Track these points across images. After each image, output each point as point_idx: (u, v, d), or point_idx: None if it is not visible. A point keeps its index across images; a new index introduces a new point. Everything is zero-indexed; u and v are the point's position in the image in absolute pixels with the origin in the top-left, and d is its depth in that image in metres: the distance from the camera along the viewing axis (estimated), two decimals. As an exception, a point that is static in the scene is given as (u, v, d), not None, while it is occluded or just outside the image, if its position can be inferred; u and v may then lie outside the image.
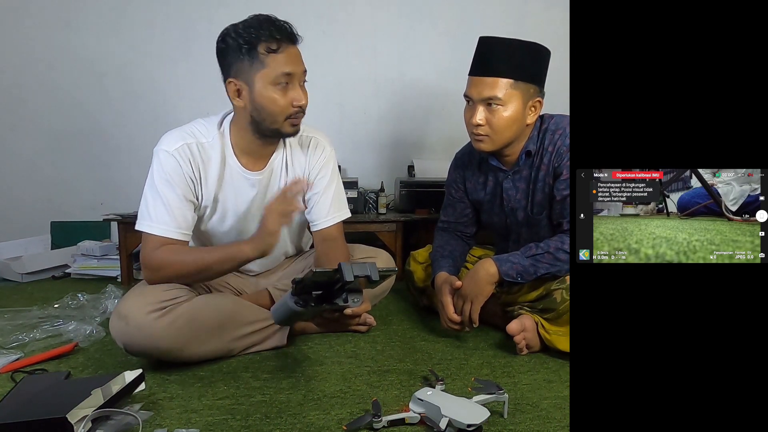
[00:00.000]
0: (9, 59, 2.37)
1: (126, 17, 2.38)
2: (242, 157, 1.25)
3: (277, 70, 1.12)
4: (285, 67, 1.12)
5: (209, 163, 1.22)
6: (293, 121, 1.18)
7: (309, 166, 1.33)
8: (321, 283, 0.94)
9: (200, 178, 1.21)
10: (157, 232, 1.15)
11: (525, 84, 1.28)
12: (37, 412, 0.84)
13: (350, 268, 0.89)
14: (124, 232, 2.08)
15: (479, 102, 1.29)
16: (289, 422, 0.92)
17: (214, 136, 1.23)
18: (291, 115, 1.16)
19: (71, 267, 2.20)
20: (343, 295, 0.97)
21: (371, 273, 0.91)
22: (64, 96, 2.41)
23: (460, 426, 0.85)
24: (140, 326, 1.06)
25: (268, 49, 1.11)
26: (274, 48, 1.11)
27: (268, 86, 1.13)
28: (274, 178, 1.30)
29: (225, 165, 1.24)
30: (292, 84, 1.15)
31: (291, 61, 1.13)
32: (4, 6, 2.34)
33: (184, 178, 1.18)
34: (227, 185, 1.25)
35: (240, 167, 1.25)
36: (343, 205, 1.38)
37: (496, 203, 1.47)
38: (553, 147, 1.33)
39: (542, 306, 1.27)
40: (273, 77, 1.12)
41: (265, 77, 1.13)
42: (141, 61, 2.41)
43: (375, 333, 1.44)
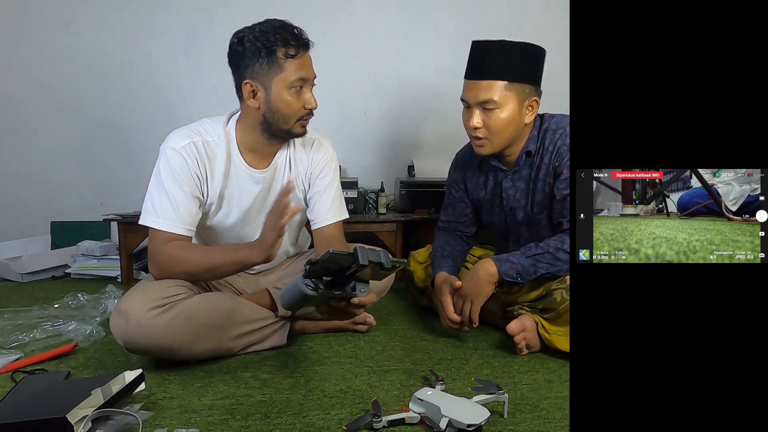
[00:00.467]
0: (9, 59, 2.37)
1: (126, 17, 2.38)
2: (247, 155, 1.28)
3: (294, 75, 1.17)
4: (301, 72, 1.18)
5: (215, 161, 1.25)
6: (303, 122, 1.24)
7: (311, 165, 1.36)
8: (332, 268, 0.96)
9: (206, 175, 1.23)
10: (162, 227, 1.17)
11: (520, 84, 1.29)
12: (37, 412, 0.84)
13: (365, 253, 0.91)
14: (124, 232, 2.08)
15: (475, 105, 1.30)
16: (289, 422, 0.92)
17: (220, 135, 1.25)
18: (302, 117, 1.22)
19: (71, 267, 2.21)
20: (352, 283, 0.99)
21: (384, 260, 0.94)
22: (64, 96, 2.41)
23: (460, 426, 0.85)
24: (140, 323, 1.07)
25: (287, 54, 1.16)
26: (293, 54, 1.16)
27: (284, 89, 1.18)
28: (278, 176, 1.33)
29: (230, 163, 1.26)
30: (305, 88, 1.20)
31: (306, 66, 1.19)
32: (4, 6, 2.34)
33: (191, 174, 1.20)
34: (232, 182, 1.27)
35: (245, 165, 1.27)
36: (342, 206, 1.41)
37: (496, 203, 1.47)
38: (554, 146, 1.33)
39: (542, 306, 1.27)
40: (290, 81, 1.17)
41: (283, 81, 1.17)
42: (141, 61, 2.41)
43: (375, 333, 1.44)
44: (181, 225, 1.18)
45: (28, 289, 2.00)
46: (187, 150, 1.20)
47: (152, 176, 1.22)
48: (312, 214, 1.37)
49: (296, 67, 1.17)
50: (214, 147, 1.24)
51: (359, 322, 1.43)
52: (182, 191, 1.19)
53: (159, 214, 1.17)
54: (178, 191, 1.18)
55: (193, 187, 1.21)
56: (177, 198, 1.18)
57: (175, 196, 1.18)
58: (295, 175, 1.34)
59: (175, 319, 1.09)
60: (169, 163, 1.19)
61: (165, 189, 1.18)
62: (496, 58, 1.28)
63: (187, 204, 1.19)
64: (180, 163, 1.19)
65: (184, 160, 1.19)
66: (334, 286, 0.98)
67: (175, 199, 1.18)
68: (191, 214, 1.20)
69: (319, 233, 1.36)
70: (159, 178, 1.19)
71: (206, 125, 1.26)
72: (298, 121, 1.22)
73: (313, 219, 1.37)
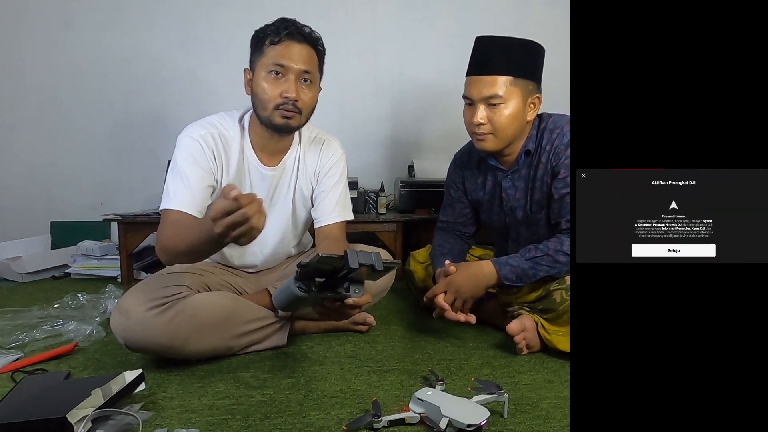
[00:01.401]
0: (9, 59, 2.38)
1: (126, 17, 2.38)
2: (258, 151, 1.30)
3: (272, 59, 1.17)
4: (279, 57, 1.17)
5: (230, 153, 1.26)
6: (283, 113, 1.19)
7: (320, 164, 1.38)
8: (325, 270, 0.95)
9: (222, 164, 1.25)
10: (171, 206, 1.15)
11: (524, 81, 1.29)
12: (37, 412, 0.84)
13: (356, 256, 0.90)
14: (124, 232, 2.08)
15: (480, 101, 1.29)
16: (289, 422, 0.92)
17: (235, 129, 1.27)
18: (280, 105, 1.19)
19: (71, 267, 2.21)
20: (345, 284, 0.98)
21: (375, 263, 0.92)
22: (63, 96, 2.42)
23: (460, 426, 0.85)
24: (140, 321, 1.07)
25: (271, 41, 1.18)
26: (276, 41, 1.17)
27: (262, 73, 1.19)
28: (286, 175, 1.34)
29: (243, 157, 1.28)
30: (286, 77, 1.18)
31: (288, 55, 1.17)
32: (4, 6, 2.34)
33: (207, 161, 1.21)
34: (245, 177, 1.29)
35: (257, 160, 1.29)
36: (347, 207, 1.41)
37: (495, 203, 1.47)
38: (551, 146, 1.33)
39: (542, 306, 1.27)
40: (267, 65, 1.18)
41: (262, 66, 1.19)
42: (141, 61, 2.41)
43: (375, 333, 1.44)
44: (191, 204, 1.16)
45: (28, 289, 2.00)
46: (205, 139, 1.22)
47: (169, 167, 1.22)
48: (315, 213, 1.38)
49: (276, 52, 1.17)
50: (230, 140, 1.26)
51: (359, 322, 1.43)
52: (197, 175, 1.19)
53: (172, 197, 1.17)
54: (194, 174, 1.18)
55: (209, 172, 1.21)
56: (192, 181, 1.18)
57: (191, 178, 1.18)
58: (303, 174, 1.36)
59: (175, 318, 1.10)
60: (186, 149, 1.20)
61: (180, 173, 1.18)
62: (501, 54, 1.28)
63: (202, 187, 1.19)
64: (197, 149, 1.20)
65: (201, 146, 1.21)
66: (327, 287, 0.97)
67: (189, 181, 1.18)
68: (204, 197, 1.20)
69: (321, 232, 1.37)
70: (176, 164, 1.20)
71: (221, 119, 1.28)
72: (276, 110, 1.19)
73: (316, 217, 1.38)
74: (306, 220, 1.44)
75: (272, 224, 1.35)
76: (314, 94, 1.24)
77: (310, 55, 1.21)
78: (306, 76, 1.20)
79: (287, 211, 1.37)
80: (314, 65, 1.22)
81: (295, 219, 1.40)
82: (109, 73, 2.41)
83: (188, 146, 1.20)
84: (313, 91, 1.24)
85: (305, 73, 1.20)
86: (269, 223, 1.33)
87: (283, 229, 1.38)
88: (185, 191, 1.17)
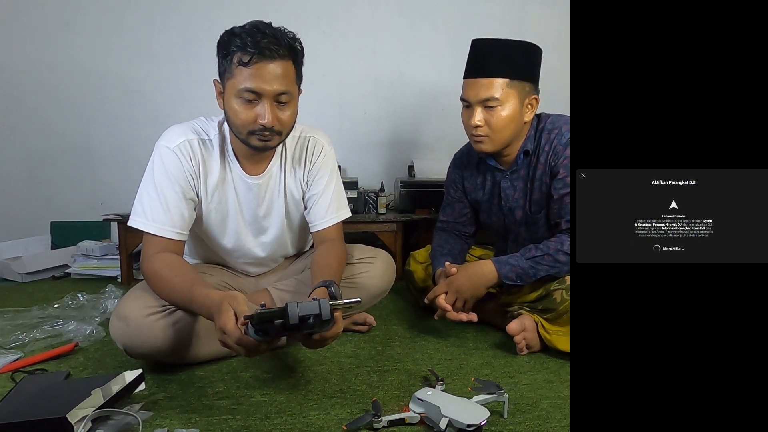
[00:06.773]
0: (8, 59, 2.37)
1: (126, 17, 2.38)
2: (242, 159, 1.24)
3: (242, 84, 1.07)
4: (251, 83, 1.06)
5: (210, 161, 1.21)
6: (260, 137, 1.12)
7: (308, 165, 1.32)
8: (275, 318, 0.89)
9: (200, 174, 1.20)
10: (152, 230, 1.13)
11: (520, 82, 1.29)
12: (37, 412, 0.84)
13: (296, 310, 0.86)
14: (124, 232, 2.08)
15: (477, 104, 1.30)
16: (289, 422, 0.92)
17: (216, 136, 1.22)
18: (255, 131, 1.11)
19: (71, 267, 2.20)
20: (309, 321, 0.90)
21: (322, 311, 0.87)
22: (63, 96, 2.41)
23: (460, 426, 0.85)
24: (141, 328, 1.06)
25: (240, 61, 1.07)
26: (245, 61, 1.06)
27: (232, 97, 1.10)
28: (273, 182, 1.29)
29: (226, 166, 1.23)
30: (261, 101, 1.09)
31: (258, 78, 1.06)
32: (4, 6, 2.34)
33: (185, 174, 1.17)
34: (228, 186, 1.24)
35: (240, 170, 1.24)
36: (342, 205, 1.37)
37: (494, 203, 1.47)
38: (550, 146, 1.33)
39: (542, 306, 1.27)
40: (237, 90, 1.08)
41: (232, 88, 1.10)
42: (141, 61, 2.41)
43: (375, 333, 1.44)
44: (171, 228, 1.14)
45: (28, 289, 2.00)
46: (182, 148, 1.16)
47: (145, 173, 1.18)
48: (309, 217, 1.33)
49: (246, 76, 1.06)
50: (210, 147, 1.21)
51: (359, 322, 1.43)
52: (175, 192, 1.15)
53: (149, 217, 1.14)
54: (171, 192, 1.15)
55: (187, 187, 1.17)
56: (169, 200, 1.14)
57: (168, 197, 1.14)
58: (291, 178, 1.30)
59: (176, 324, 1.09)
60: (162, 162, 1.16)
61: (157, 189, 1.15)
62: (497, 57, 1.28)
63: (179, 206, 1.16)
64: (174, 163, 1.15)
65: (179, 159, 1.16)
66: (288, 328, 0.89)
67: (167, 201, 1.14)
68: (183, 217, 1.17)
69: (317, 236, 1.34)
70: (152, 176, 1.16)
71: (203, 123, 1.23)
72: (251, 135, 1.11)
73: (311, 221, 1.33)
74: (302, 222, 1.39)
75: (266, 233, 1.33)
76: (293, 110, 1.15)
77: (285, 72, 1.09)
78: (282, 98, 1.10)
79: (280, 218, 1.33)
80: (291, 80, 1.11)
81: (290, 223, 1.36)
82: (109, 73, 2.41)
83: (165, 158, 1.15)
84: (292, 108, 1.14)
85: (281, 95, 1.10)
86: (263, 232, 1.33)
87: (277, 236, 1.35)
88: (162, 213, 1.14)
